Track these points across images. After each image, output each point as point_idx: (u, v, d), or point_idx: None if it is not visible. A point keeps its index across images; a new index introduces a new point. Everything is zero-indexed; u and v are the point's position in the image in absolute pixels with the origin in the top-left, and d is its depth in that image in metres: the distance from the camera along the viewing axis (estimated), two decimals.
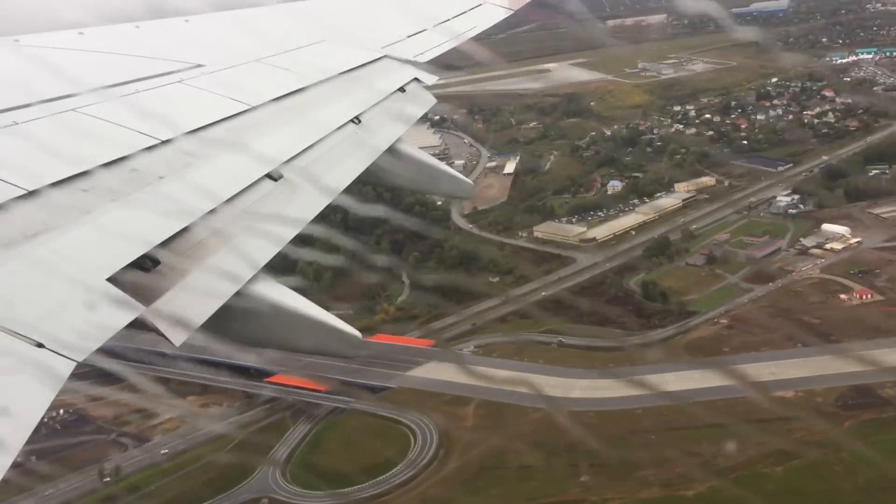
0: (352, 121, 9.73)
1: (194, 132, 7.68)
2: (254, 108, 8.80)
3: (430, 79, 12.39)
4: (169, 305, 5.39)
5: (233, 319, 6.05)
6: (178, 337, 5.36)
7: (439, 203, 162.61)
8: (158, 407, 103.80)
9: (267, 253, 6.61)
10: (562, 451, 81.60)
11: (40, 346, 4.43)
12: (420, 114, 11.61)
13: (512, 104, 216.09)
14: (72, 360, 4.50)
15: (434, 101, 12.34)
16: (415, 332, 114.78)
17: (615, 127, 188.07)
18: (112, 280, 5.21)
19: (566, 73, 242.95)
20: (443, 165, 11.76)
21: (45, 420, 53.33)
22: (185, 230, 6.10)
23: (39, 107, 7.14)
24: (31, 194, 5.62)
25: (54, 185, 5.82)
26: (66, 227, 5.50)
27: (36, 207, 5.54)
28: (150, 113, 7.88)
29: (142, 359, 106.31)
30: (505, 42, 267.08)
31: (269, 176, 7.53)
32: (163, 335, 5.31)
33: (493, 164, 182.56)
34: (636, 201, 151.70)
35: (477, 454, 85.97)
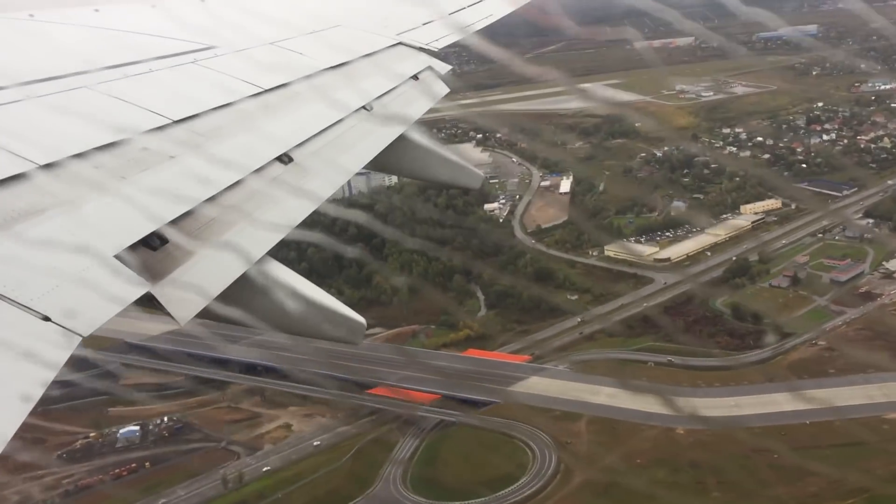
0: (364, 107, 9.46)
1: (206, 113, 7.47)
2: (266, 90, 8.60)
3: (444, 67, 12.12)
4: (175, 284, 5.32)
5: (239, 300, 5.94)
6: (183, 315, 5.27)
7: (500, 221, 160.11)
8: (264, 416, 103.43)
9: (275, 236, 6.49)
10: (686, 468, 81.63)
11: (47, 319, 4.35)
12: (433, 102, 11.30)
13: (552, 123, 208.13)
14: (77, 334, 4.41)
15: (447, 89, 11.86)
16: (503, 347, 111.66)
17: (665, 148, 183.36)
18: (120, 257, 5.12)
19: (602, 93, 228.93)
20: (453, 154, 11.30)
21: (152, 427, 56.48)
22: (193, 210, 5.99)
23: (53, 83, 6.96)
24: (42, 169, 5.48)
25: (66, 160, 5.71)
26: (76, 202, 5.41)
27: (47, 182, 5.41)
28: (162, 92, 7.74)
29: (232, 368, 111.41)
30: (532, 62, 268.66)
31: (279, 159, 7.38)
32: (168, 313, 5.20)
33: (547, 182, 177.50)
34: (703, 222, 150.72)
35: (600, 470, 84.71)
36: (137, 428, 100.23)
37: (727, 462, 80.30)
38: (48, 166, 5.56)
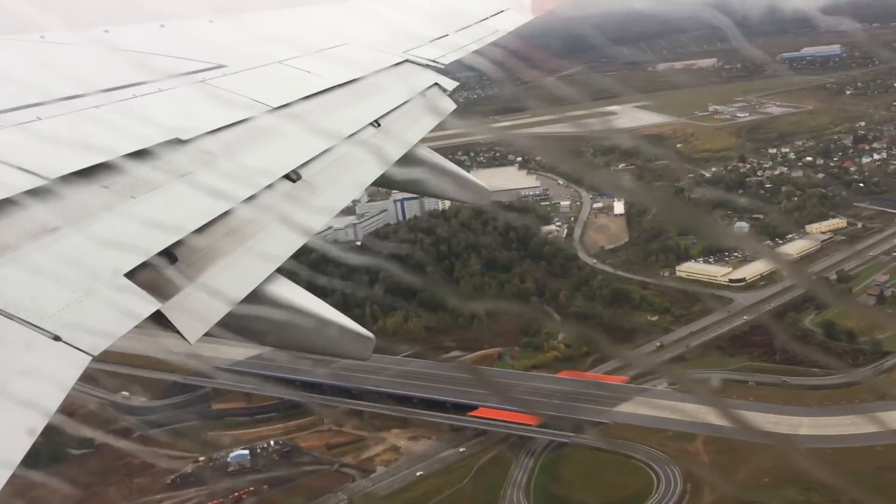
0: (372, 124, 9.36)
1: (215, 132, 7.41)
2: (274, 109, 8.54)
3: (451, 84, 11.94)
4: (185, 302, 5.25)
5: (248, 318, 5.83)
6: (193, 334, 5.19)
7: (561, 243, 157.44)
8: (368, 439, 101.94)
9: (283, 253, 6.37)
10: (817, 487, 78.28)
11: (57, 339, 4.31)
12: (440, 118, 11.10)
13: (590, 145, 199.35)
14: (87, 354, 4.35)
15: (454, 105, 11.68)
16: (594, 369, 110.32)
17: (713, 169, 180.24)
18: (130, 276, 5.04)
19: (634, 115, 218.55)
20: (461, 170, 11.04)
21: (259, 451, 73.02)
22: (203, 228, 5.90)
23: (63, 103, 6.92)
24: (52, 188, 5.39)
25: (76, 180, 5.61)
26: (86, 221, 5.35)
27: (57, 202, 5.32)
28: (171, 111, 7.68)
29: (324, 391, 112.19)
30: (554, 85, 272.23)
31: (287, 177, 7.29)
32: (178, 332, 5.12)
33: (600, 204, 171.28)
34: (769, 242, 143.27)
35: (729, 490, 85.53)
36: (247, 452, 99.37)
37: (858, 481, 77.37)
38: (58, 185, 5.48)
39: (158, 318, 5.07)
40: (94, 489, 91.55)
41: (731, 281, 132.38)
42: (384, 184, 9.43)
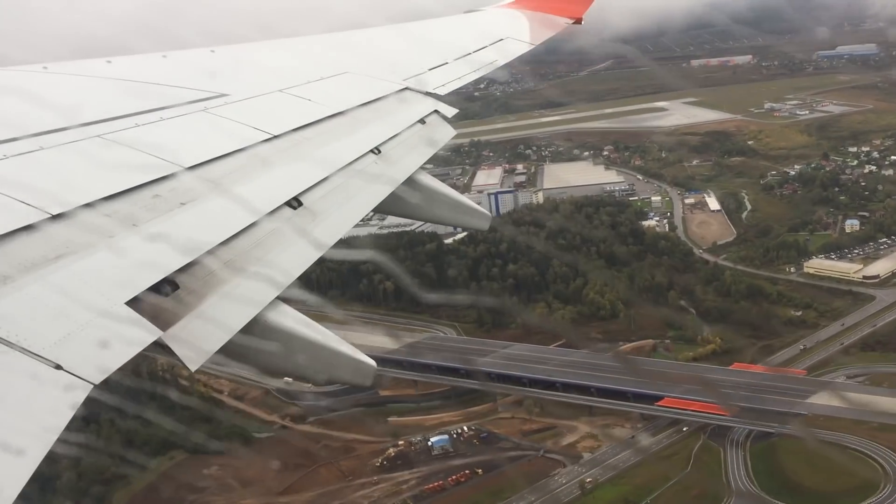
0: (372, 151, 9.22)
1: (216, 160, 7.26)
2: (276, 137, 8.34)
3: (450, 111, 11.69)
4: (186, 330, 5.22)
5: (249, 345, 5.75)
6: (194, 362, 5.14)
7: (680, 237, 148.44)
8: (560, 427, 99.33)
9: (285, 280, 6.19)
10: None
11: (58, 367, 4.30)
12: (440, 145, 10.76)
13: (652, 142, 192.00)
14: (89, 382, 4.30)
15: (454, 132, 11.26)
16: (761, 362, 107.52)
17: (797, 167, 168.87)
18: (131, 304, 4.98)
19: (686, 111, 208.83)
20: (461, 197, 10.68)
21: (455, 436, 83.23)
22: (204, 256, 5.81)
23: (65, 133, 6.78)
24: (54, 218, 5.31)
25: (77, 209, 5.54)
26: (87, 250, 5.29)
27: (59, 231, 5.28)
28: (173, 140, 7.46)
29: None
30: (584, 81, 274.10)
31: (288, 204, 7.12)
32: (179, 360, 5.07)
33: (691, 200, 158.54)
34: (886, 240, 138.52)
35: None
36: (446, 437, 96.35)
37: None
38: (60, 216, 5.34)
39: (160, 346, 4.99)
40: (301, 471, 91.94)
41: (864, 277, 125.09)
42: (384, 210, 9.14)
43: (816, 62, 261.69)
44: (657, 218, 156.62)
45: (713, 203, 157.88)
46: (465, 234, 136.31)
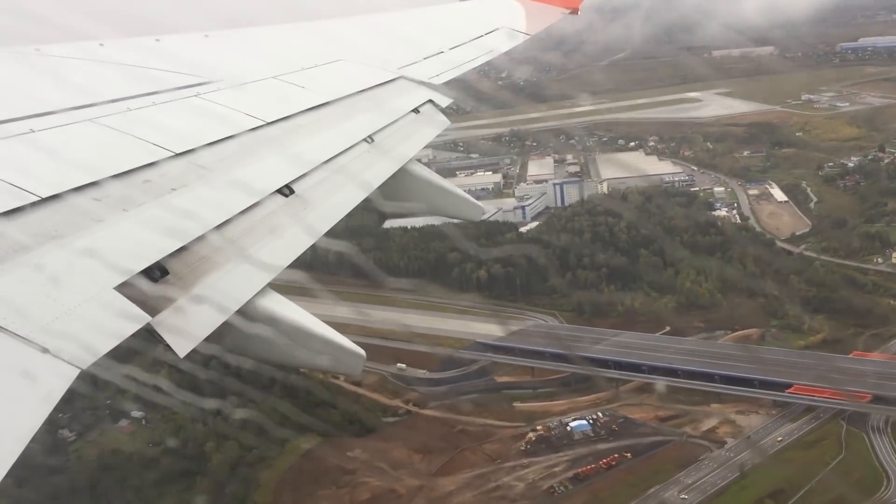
0: (365, 139, 9.09)
1: (208, 146, 7.21)
2: (268, 123, 8.24)
3: (444, 101, 11.45)
4: (175, 316, 5.15)
5: (238, 333, 5.70)
6: (182, 348, 5.02)
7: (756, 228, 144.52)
8: (693, 413, 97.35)
9: (275, 268, 6.16)
10: None
11: (45, 351, 4.24)
12: (433, 135, 10.58)
13: (697, 132, 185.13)
14: (76, 366, 4.23)
15: (447, 122, 11.03)
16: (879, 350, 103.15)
17: (854, 158, 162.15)
18: (120, 289, 4.90)
19: (721, 102, 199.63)
20: (453, 187, 10.52)
21: (591, 422, 78.99)
22: (194, 242, 5.76)
23: (56, 116, 6.75)
24: (44, 201, 5.29)
25: (67, 193, 5.52)
26: (76, 235, 5.24)
27: (48, 215, 5.25)
28: (165, 125, 7.40)
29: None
30: (605, 70, 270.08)
31: (280, 191, 7.03)
32: (168, 346, 4.97)
33: (755, 191, 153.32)
34: None
35: None
36: (586, 421, 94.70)
37: None
38: (50, 199, 5.28)
39: (149, 332, 4.89)
40: (445, 455, 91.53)
41: None
42: (376, 200, 9.14)
43: (842, 54, 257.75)
44: (725, 209, 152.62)
45: (778, 194, 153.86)
46: (536, 224, 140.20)
